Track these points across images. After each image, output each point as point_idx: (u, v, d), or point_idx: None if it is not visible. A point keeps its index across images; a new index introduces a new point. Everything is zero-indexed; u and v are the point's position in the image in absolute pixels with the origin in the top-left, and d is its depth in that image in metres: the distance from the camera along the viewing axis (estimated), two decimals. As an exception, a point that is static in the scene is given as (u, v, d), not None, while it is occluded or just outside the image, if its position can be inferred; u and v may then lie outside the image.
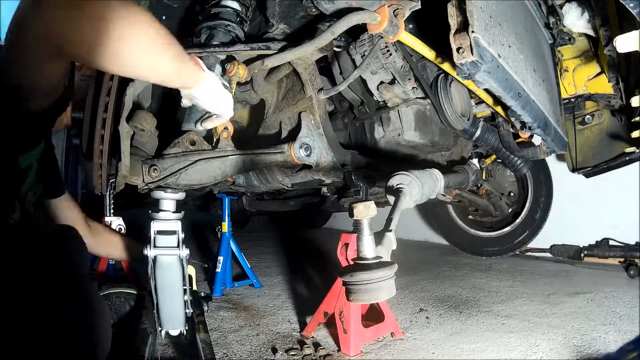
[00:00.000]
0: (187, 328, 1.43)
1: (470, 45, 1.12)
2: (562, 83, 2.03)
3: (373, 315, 1.74)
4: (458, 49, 1.15)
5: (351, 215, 1.00)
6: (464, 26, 1.16)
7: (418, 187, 1.41)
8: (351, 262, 1.02)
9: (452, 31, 1.17)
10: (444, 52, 1.45)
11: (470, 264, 3.04)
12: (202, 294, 1.83)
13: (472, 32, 1.12)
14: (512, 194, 2.97)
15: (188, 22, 1.71)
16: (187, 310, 1.43)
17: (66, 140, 3.76)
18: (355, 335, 1.55)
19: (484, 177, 2.78)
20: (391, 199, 1.37)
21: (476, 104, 2.07)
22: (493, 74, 1.22)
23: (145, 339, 1.26)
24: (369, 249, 0.95)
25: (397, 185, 1.38)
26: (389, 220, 1.09)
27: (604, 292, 2.16)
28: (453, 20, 1.18)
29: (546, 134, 1.69)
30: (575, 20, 1.71)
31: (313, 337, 1.73)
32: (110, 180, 1.28)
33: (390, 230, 1.04)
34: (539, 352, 1.49)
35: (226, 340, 1.68)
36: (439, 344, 1.62)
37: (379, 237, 1.04)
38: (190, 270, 1.52)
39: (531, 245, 2.93)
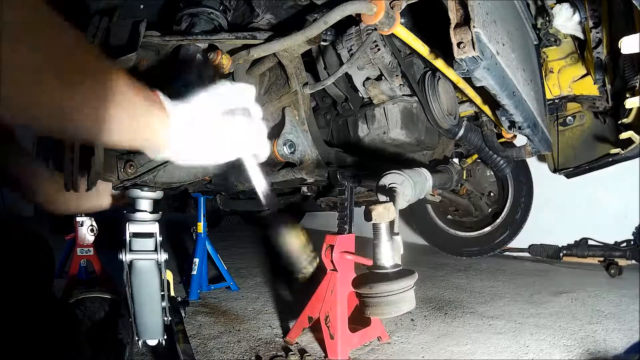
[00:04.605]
0: (165, 337, 1.33)
1: (472, 40, 1.08)
2: (546, 84, 2.04)
3: (358, 319, 1.68)
4: (459, 44, 1.10)
5: (368, 218, 0.92)
6: (464, 21, 1.11)
7: (411, 186, 1.36)
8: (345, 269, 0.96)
9: (452, 25, 1.13)
10: (437, 48, 1.41)
11: (450, 264, 3.04)
12: (179, 299, 1.73)
13: (474, 27, 1.08)
14: (492, 194, 2.99)
15: (168, 10, 1.61)
16: (165, 318, 1.33)
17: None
18: (342, 341, 1.49)
19: (464, 177, 2.79)
20: (382, 198, 1.32)
21: (459, 103, 2.05)
22: (492, 70, 1.19)
23: (122, 350, 1.16)
24: (387, 257, 0.88)
25: (389, 184, 1.32)
26: (390, 223, 1.03)
27: (587, 292, 2.19)
28: (453, 15, 1.13)
29: (534, 134, 1.69)
30: (566, 22, 1.71)
31: (297, 342, 1.66)
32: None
33: (397, 234, 0.98)
34: (529, 353, 1.48)
35: (206, 348, 1.59)
36: (428, 347, 1.59)
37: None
38: (168, 275, 1.42)
39: (509, 245, 2.96)
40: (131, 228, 1.24)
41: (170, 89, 0.70)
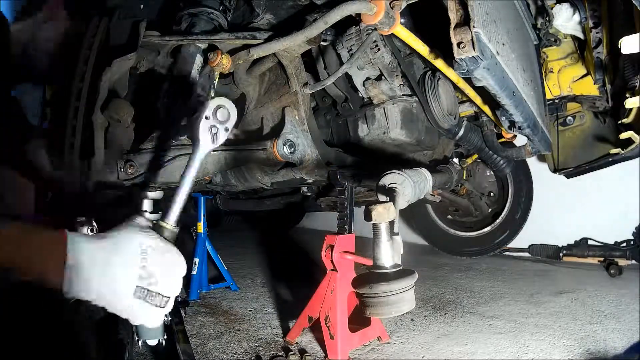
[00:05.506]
0: (165, 337, 1.33)
1: (472, 40, 1.08)
2: (546, 84, 2.03)
3: (358, 319, 1.68)
4: (459, 44, 1.10)
5: (368, 218, 0.92)
6: (464, 21, 1.11)
7: (411, 186, 1.36)
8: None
9: (452, 25, 1.12)
10: (437, 48, 1.41)
11: (449, 264, 3.04)
12: (179, 299, 1.73)
13: (474, 27, 1.08)
14: (492, 194, 2.99)
15: (168, 10, 1.61)
16: (166, 318, 1.32)
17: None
18: (342, 341, 1.49)
19: (464, 177, 2.78)
20: (382, 198, 1.32)
21: (459, 103, 2.05)
22: (492, 70, 1.19)
23: (122, 350, 1.16)
24: (387, 257, 0.88)
25: (389, 184, 1.32)
26: (390, 223, 1.03)
27: (587, 292, 2.19)
28: (453, 14, 1.13)
29: (534, 134, 1.69)
30: (566, 22, 1.71)
31: (297, 342, 1.66)
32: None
33: (397, 234, 0.98)
34: (529, 353, 1.48)
35: (206, 348, 1.59)
36: (428, 347, 1.59)
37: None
38: (168, 275, 1.42)
39: (509, 245, 2.95)
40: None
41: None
